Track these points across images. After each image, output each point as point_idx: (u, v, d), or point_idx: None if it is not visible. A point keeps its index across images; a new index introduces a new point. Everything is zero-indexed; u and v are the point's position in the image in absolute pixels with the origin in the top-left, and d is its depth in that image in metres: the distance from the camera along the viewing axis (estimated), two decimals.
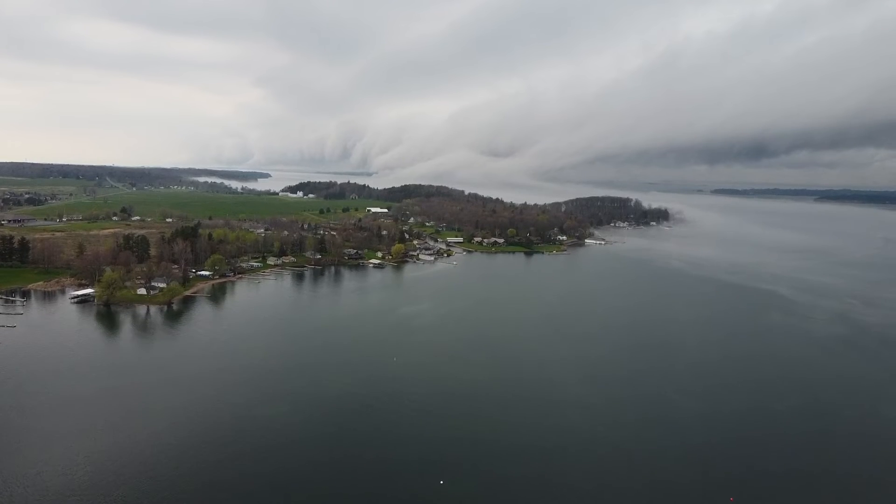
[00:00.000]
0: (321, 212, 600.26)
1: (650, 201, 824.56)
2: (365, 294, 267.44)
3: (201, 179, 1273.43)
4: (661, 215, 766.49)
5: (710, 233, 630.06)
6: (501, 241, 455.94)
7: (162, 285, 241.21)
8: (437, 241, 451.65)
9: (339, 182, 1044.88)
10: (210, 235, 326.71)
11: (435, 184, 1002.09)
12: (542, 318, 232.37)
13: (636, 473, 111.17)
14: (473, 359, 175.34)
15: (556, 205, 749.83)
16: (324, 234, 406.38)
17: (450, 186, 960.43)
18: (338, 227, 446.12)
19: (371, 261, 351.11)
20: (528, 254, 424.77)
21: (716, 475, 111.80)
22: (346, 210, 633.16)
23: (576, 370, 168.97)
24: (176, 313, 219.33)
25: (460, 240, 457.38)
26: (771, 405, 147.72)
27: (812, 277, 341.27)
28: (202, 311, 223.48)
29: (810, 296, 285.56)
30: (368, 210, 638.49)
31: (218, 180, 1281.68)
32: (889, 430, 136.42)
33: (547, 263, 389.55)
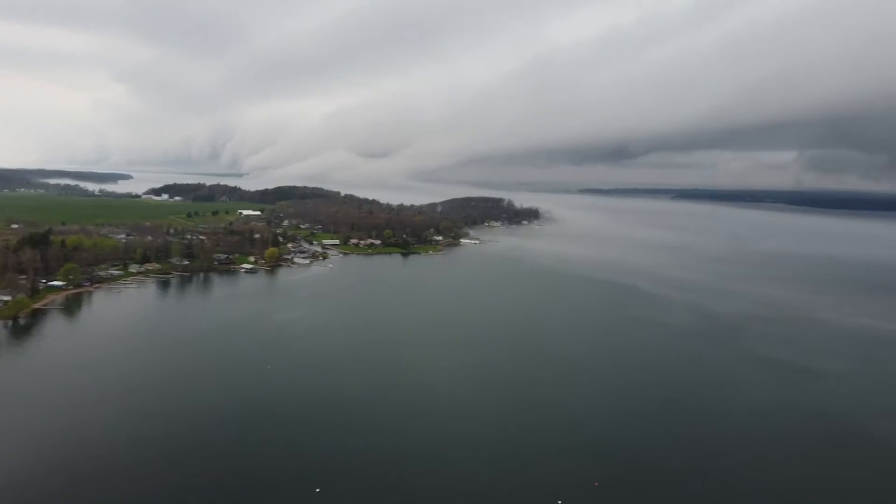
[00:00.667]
0: (189, 215, 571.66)
1: (522, 201, 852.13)
2: (236, 301, 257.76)
3: (53, 181, 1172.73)
4: (533, 214, 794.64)
5: (577, 230, 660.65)
6: (378, 242, 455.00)
7: (7, 298, 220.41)
8: (312, 243, 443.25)
9: (208, 184, 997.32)
10: (63, 242, 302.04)
11: (310, 185, 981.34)
12: (418, 320, 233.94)
13: (518, 473, 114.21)
14: (350, 364, 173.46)
15: (433, 205, 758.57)
16: (191, 238, 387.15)
17: (326, 188, 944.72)
18: (207, 232, 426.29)
19: (243, 266, 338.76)
20: (405, 255, 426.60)
21: (583, 462, 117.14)
22: (215, 213, 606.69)
23: (454, 372, 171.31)
24: (23, 328, 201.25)
25: (336, 242, 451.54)
26: (636, 392, 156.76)
27: (669, 272, 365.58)
28: (55, 325, 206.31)
29: (668, 289, 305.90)
30: (240, 213, 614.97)
31: (72, 182, 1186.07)
32: (735, 404, 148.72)
33: (423, 264, 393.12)
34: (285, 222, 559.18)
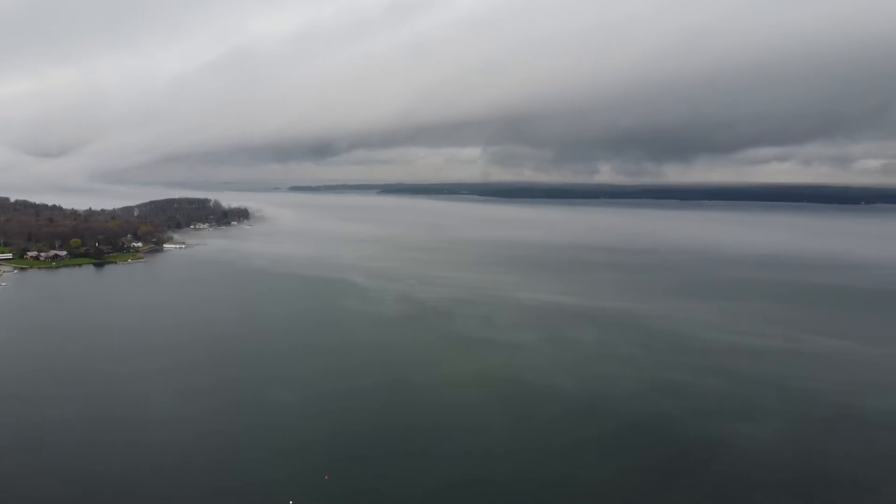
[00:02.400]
0: None
1: (230, 201, 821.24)
2: None
3: None
4: (242, 214, 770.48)
5: (289, 229, 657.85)
6: (64, 253, 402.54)
7: None
8: None
9: None
10: None
11: None
12: (122, 334, 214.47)
13: (237, 477, 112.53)
14: (39, 392, 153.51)
15: (128, 209, 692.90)
16: None
17: None
18: None
19: None
20: (99, 265, 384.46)
21: (313, 457, 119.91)
22: None
23: (165, 383, 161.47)
24: None
25: (10, 256, 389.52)
26: (357, 383, 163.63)
27: (378, 264, 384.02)
28: None
29: (379, 280, 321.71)
30: None
31: None
32: (444, 378, 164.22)
33: (122, 274, 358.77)
34: None
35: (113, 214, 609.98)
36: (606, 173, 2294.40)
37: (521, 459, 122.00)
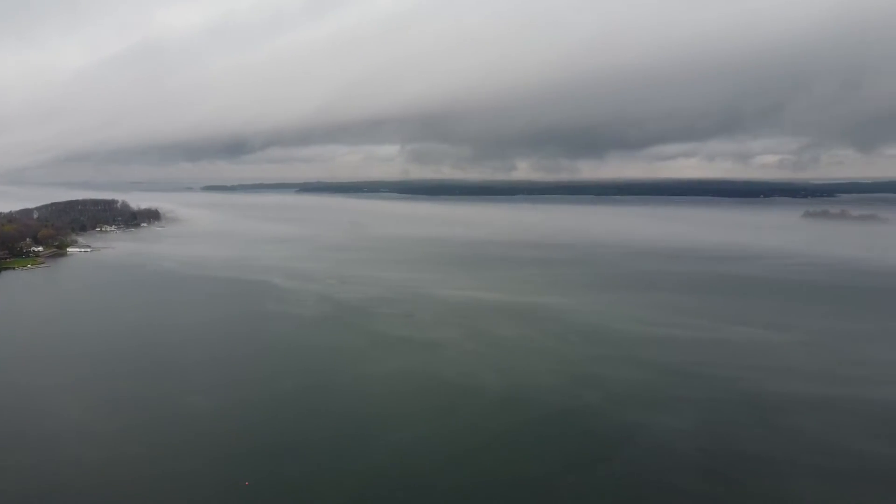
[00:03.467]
0: None
1: (137, 202, 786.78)
2: None
3: None
4: (153, 215, 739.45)
5: (203, 230, 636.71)
6: None
7: None
8: None
9: None
10: None
11: None
12: (24, 345, 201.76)
13: (149, 495, 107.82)
14: None
15: (27, 211, 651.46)
16: None
17: None
18: None
19: None
20: None
21: (233, 465, 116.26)
22: None
23: (73, 397, 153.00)
24: None
25: None
26: (277, 387, 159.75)
27: (298, 264, 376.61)
28: None
29: (298, 281, 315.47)
30: None
31: None
32: (369, 377, 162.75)
33: (22, 281, 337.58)
34: None
35: (10, 217, 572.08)
36: (524, 170, 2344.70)
37: (446, 455, 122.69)
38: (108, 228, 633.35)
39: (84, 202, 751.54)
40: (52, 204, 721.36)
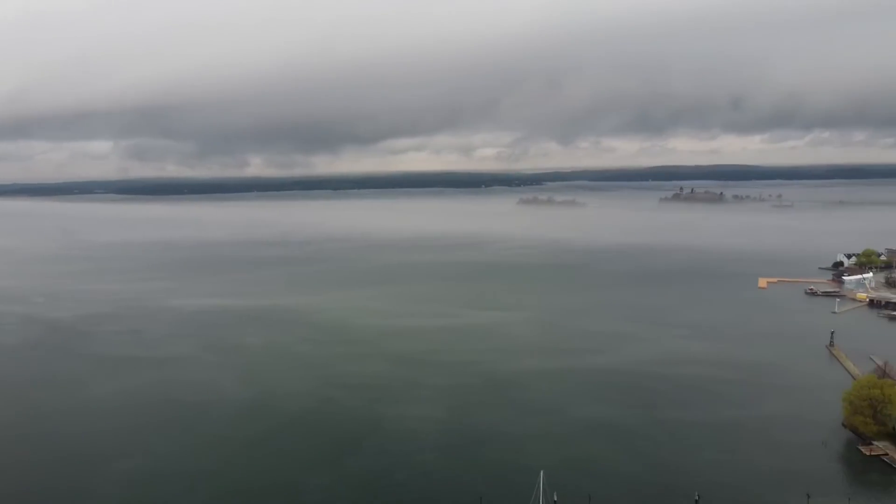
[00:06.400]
0: None
1: None
2: None
3: None
4: None
5: None
6: None
7: None
8: None
9: None
10: None
11: None
12: None
13: None
14: None
15: None
16: None
17: None
18: None
19: None
20: None
21: None
22: None
23: None
24: None
25: None
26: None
27: None
28: None
29: None
30: None
31: None
32: (86, 411, 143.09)
33: None
34: None
35: None
36: (257, 166, 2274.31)
37: (192, 472, 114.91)
38: None
39: None
40: None
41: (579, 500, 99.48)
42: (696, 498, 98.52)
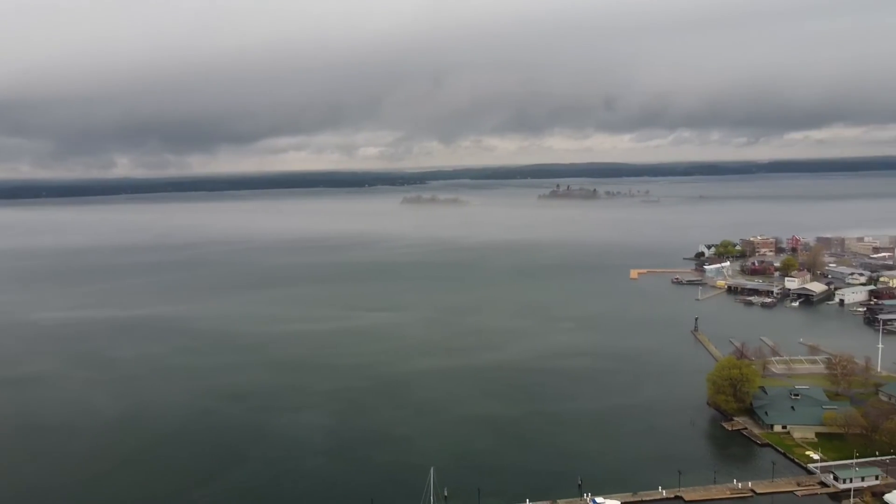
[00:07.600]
0: None
1: None
2: None
3: None
4: None
5: None
6: None
7: None
8: None
9: None
10: None
11: None
12: None
13: None
14: None
15: None
16: None
17: None
18: None
19: None
20: None
21: None
22: None
23: None
24: None
25: None
26: None
27: None
28: None
29: None
30: None
31: None
32: None
33: None
34: None
35: None
36: (126, 167, 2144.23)
37: (59, 486, 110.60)
38: None
39: None
40: None
41: (469, 493, 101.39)
42: (580, 482, 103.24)
